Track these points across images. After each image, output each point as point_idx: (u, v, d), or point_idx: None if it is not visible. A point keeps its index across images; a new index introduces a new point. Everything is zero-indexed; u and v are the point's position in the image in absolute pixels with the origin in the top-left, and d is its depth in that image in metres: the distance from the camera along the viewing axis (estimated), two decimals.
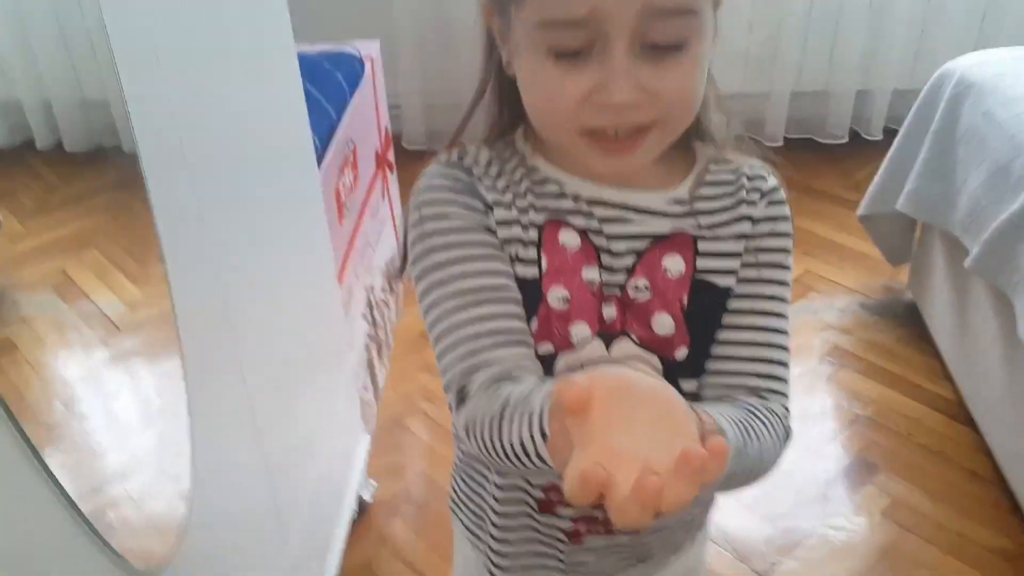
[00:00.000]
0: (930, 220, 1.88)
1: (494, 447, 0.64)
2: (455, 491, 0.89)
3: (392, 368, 2.00)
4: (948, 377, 1.91)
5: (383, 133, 2.04)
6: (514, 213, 0.70)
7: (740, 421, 0.65)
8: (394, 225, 2.13)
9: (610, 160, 0.66)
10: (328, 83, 1.71)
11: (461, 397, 0.67)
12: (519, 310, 0.70)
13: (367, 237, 1.88)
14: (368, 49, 1.92)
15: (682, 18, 0.61)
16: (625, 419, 0.48)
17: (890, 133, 2.67)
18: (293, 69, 1.28)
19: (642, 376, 0.52)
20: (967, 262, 1.66)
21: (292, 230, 1.31)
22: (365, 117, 1.89)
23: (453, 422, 0.71)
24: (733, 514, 1.64)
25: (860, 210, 2.11)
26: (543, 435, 0.58)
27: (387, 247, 2.03)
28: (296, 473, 1.28)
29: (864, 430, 1.83)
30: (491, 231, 0.70)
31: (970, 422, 1.80)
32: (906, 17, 2.59)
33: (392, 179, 2.13)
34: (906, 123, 1.97)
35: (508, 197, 0.71)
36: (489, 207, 0.70)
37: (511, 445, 0.62)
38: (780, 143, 2.81)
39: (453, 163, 0.72)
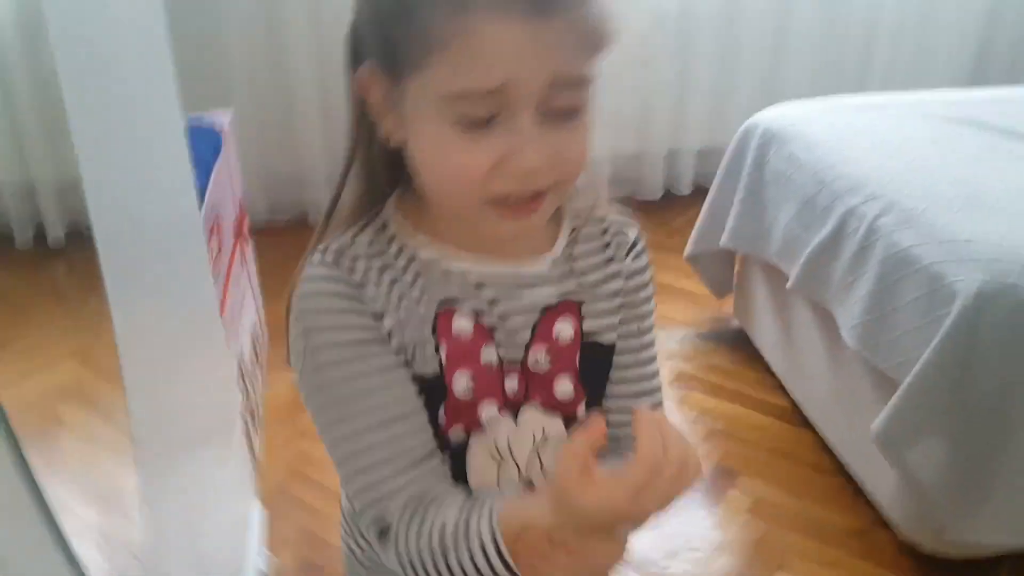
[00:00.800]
0: (751, 252, 2.14)
1: (432, 569, 0.67)
2: (354, 556, 0.89)
3: (266, 438, 1.97)
4: (782, 388, 2.16)
5: (239, 202, 2.06)
6: (402, 315, 0.70)
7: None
8: (253, 295, 2.12)
9: (513, 224, 0.67)
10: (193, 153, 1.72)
11: (382, 529, 0.69)
12: (421, 418, 0.71)
13: (233, 307, 1.87)
14: (223, 119, 1.95)
15: (581, 87, 0.64)
16: None
17: (697, 188, 3.02)
18: (182, 143, 1.29)
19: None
20: (789, 284, 1.92)
21: (183, 297, 1.30)
22: (224, 187, 1.90)
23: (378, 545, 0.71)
24: None
25: (687, 252, 2.36)
26: (502, 560, 0.62)
27: (249, 317, 2.03)
28: (189, 550, 1.23)
29: (719, 442, 2.02)
30: (382, 340, 0.70)
31: (807, 424, 2.04)
32: (705, 87, 2.95)
33: (249, 248, 2.13)
34: (719, 172, 2.24)
35: (395, 297, 0.70)
36: (378, 316, 0.69)
37: (456, 559, 0.65)
38: None
39: (331, 267, 0.70)
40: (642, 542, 1.74)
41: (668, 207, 3.08)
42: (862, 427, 1.70)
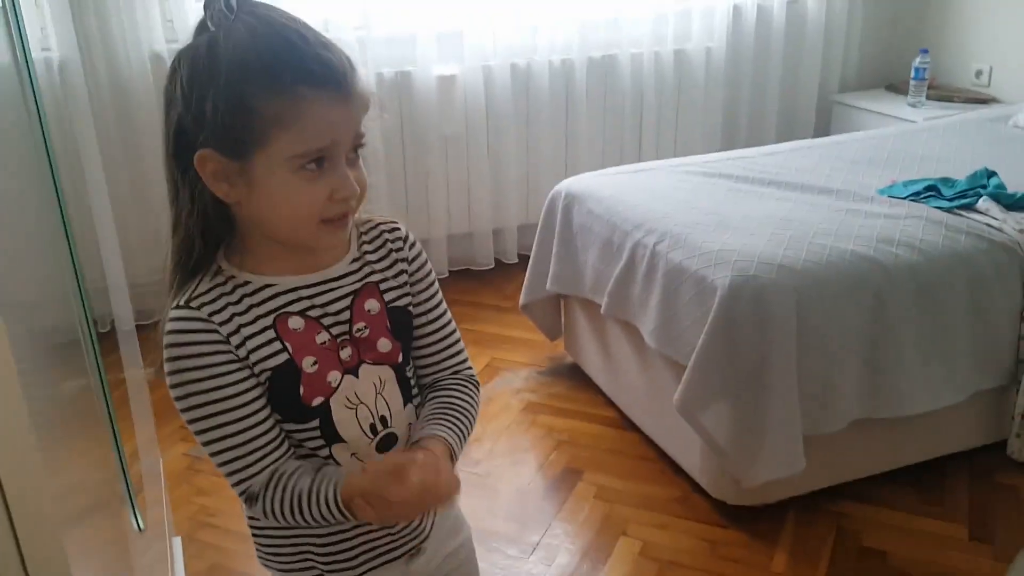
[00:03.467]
0: (570, 292, 2.60)
1: (297, 522, 0.96)
2: (261, 550, 1.09)
3: (170, 498, 2.18)
4: (610, 402, 2.60)
5: None
6: (244, 332, 0.93)
7: (454, 413, 1.04)
8: None
9: (337, 236, 0.94)
10: None
11: (249, 497, 0.96)
12: (268, 419, 0.95)
13: None
14: None
15: (362, 137, 0.93)
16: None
17: (521, 257, 3.49)
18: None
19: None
20: (602, 311, 2.38)
21: None
22: None
23: (246, 510, 1.01)
24: (494, 515, 2.10)
25: (521, 302, 2.79)
26: (339, 509, 0.93)
27: None
28: None
29: (566, 450, 2.42)
30: (232, 361, 0.93)
31: (633, 427, 2.47)
32: (516, 173, 3.46)
33: None
34: (537, 232, 2.71)
35: (235, 322, 0.93)
36: (226, 340, 0.92)
37: (314, 519, 0.95)
38: (446, 275, 3.48)
39: (186, 310, 0.92)
40: (514, 524, 2.09)
41: (500, 275, 3.54)
42: (670, 416, 2.14)
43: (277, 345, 0.95)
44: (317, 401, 0.97)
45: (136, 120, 2.94)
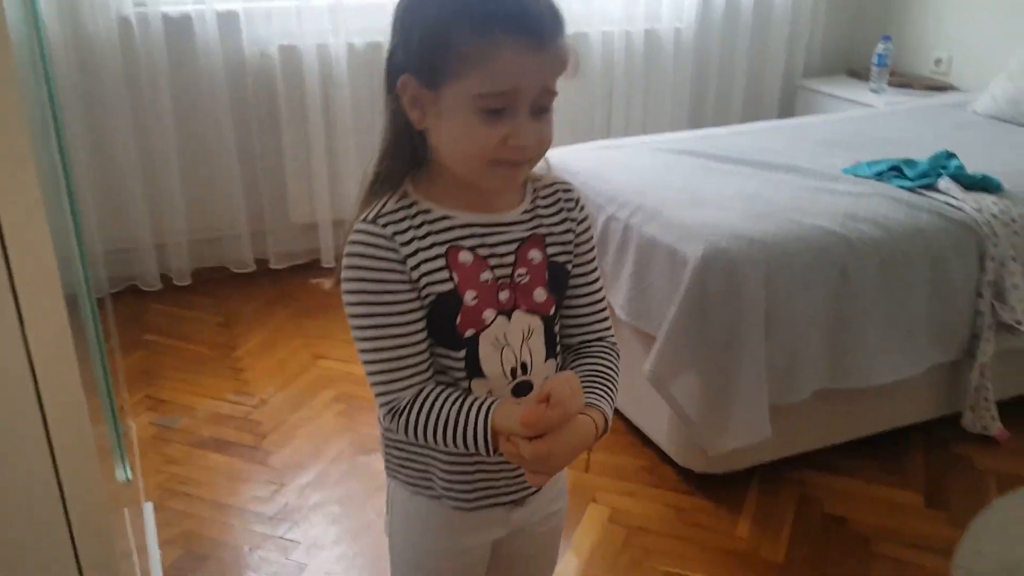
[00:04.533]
0: None
1: (436, 443, 1.01)
2: (391, 459, 1.15)
3: (142, 465, 2.17)
4: None
5: None
6: (421, 256, 0.99)
7: (607, 382, 1.07)
8: None
9: (507, 180, 0.98)
10: None
11: (393, 411, 1.01)
12: (423, 342, 1.00)
13: None
14: None
15: (553, 95, 0.95)
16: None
17: None
18: None
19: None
20: None
21: None
22: None
23: (385, 422, 1.04)
24: None
25: None
26: (486, 440, 0.97)
27: None
28: None
29: None
30: (404, 281, 0.98)
31: None
32: None
33: None
34: None
35: (414, 245, 0.98)
36: (403, 261, 0.98)
37: (455, 443, 0.99)
38: None
39: (371, 225, 0.98)
40: None
41: None
42: (639, 388, 2.19)
43: (446, 274, 1.00)
44: (469, 333, 1.02)
45: (103, 86, 2.89)
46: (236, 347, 2.80)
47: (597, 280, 1.13)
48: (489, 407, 0.99)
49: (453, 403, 1.00)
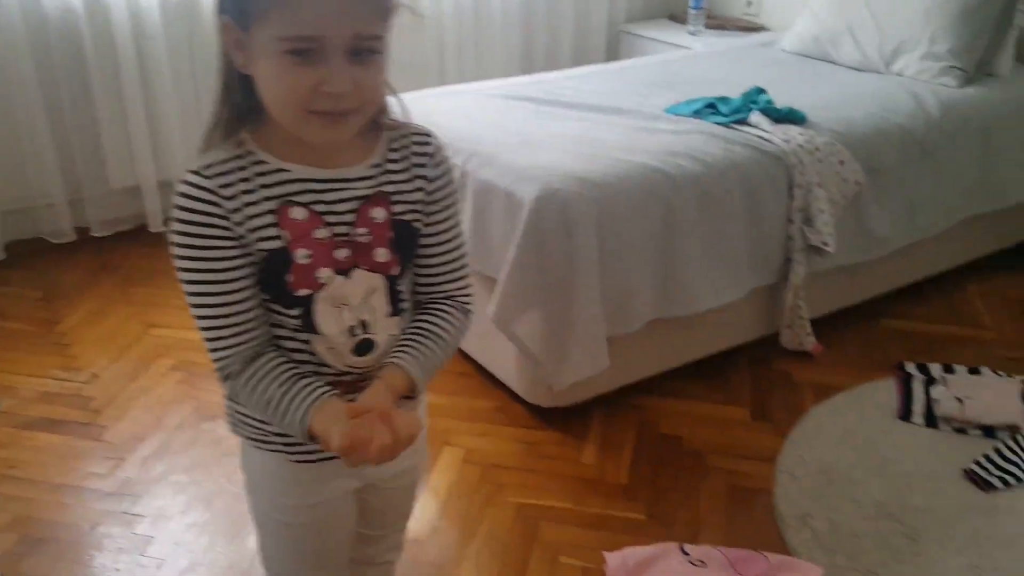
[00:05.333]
0: None
1: (264, 419, 1.04)
2: (234, 416, 1.12)
3: None
4: None
5: None
6: (249, 211, 0.95)
7: (425, 347, 1.05)
8: None
9: (328, 132, 0.92)
10: None
11: (227, 376, 1.00)
12: (254, 302, 0.98)
13: None
14: None
15: (376, 40, 0.91)
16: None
17: None
18: None
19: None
20: None
21: None
22: None
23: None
24: None
25: None
26: (304, 433, 0.97)
27: None
28: None
29: None
30: (228, 236, 0.94)
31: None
32: None
33: None
34: None
35: (242, 199, 0.94)
36: (227, 215, 0.94)
37: (279, 424, 1.01)
38: None
39: (201, 179, 0.94)
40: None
41: None
42: (486, 332, 2.23)
43: (275, 230, 0.97)
44: (303, 292, 0.99)
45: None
46: (59, 321, 2.64)
47: (452, 239, 1.09)
48: (310, 406, 0.98)
49: (280, 385, 0.99)
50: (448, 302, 1.11)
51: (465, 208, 2.20)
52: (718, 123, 2.38)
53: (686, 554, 1.77)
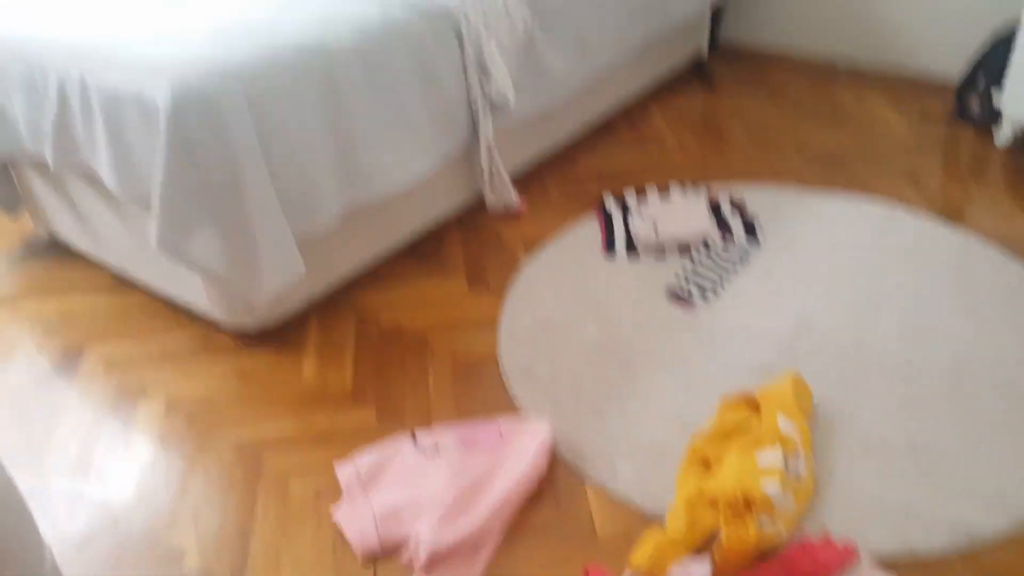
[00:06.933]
0: (9, 153, 2.19)
1: None
2: None
3: None
4: (103, 267, 2.32)
5: None
6: None
7: None
8: None
9: None
10: None
11: None
12: None
13: None
14: None
15: None
16: None
17: None
18: None
19: None
20: (51, 168, 2.04)
21: None
22: None
23: None
24: None
25: None
26: None
27: None
28: None
29: (60, 333, 2.13)
30: None
31: (135, 286, 2.25)
32: None
33: None
34: None
35: None
36: None
37: None
38: None
39: None
40: (9, 433, 1.80)
41: None
42: (164, 262, 1.96)
43: None
44: None
45: None
46: None
47: None
48: None
49: None
50: None
51: (96, 124, 1.87)
52: None
53: (417, 442, 1.70)
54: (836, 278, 2.13)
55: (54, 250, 2.43)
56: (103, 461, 1.75)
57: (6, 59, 2.02)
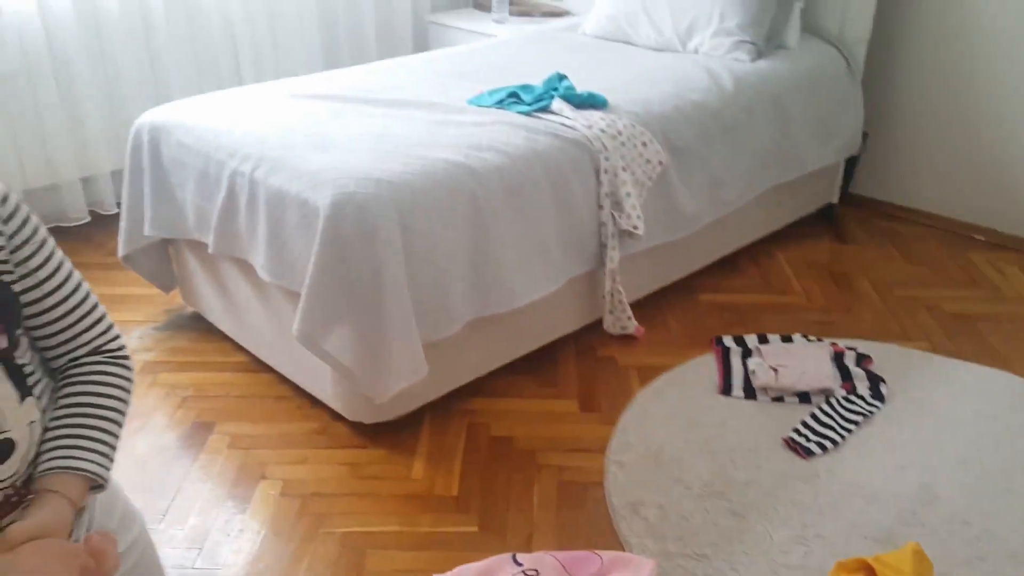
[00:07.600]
0: (173, 234, 2.39)
1: None
2: None
3: None
4: (240, 347, 2.46)
5: None
6: None
7: (94, 430, 0.90)
8: None
9: None
10: None
11: None
12: None
13: None
14: None
15: None
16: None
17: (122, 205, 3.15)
18: None
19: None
20: (210, 249, 2.22)
21: None
22: None
23: None
24: None
25: (120, 253, 2.51)
26: None
27: None
28: None
29: (193, 405, 2.25)
30: None
31: (266, 368, 2.37)
32: (94, 112, 3.07)
33: None
34: (125, 174, 2.44)
35: None
36: None
37: None
38: None
39: None
40: (139, 494, 1.89)
41: (98, 228, 3.17)
42: (299, 350, 2.08)
43: None
44: None
45: None
46: None
47: (62, 286, 0.92)
48: None
49: None
50: (94, 357, 0.97)
51: (259, 220, 2.03)
52: (521, 112, 2.32)
53: (519, 564, 1.70)
54: (964, 451, 2.05)
55: (197, 324, 2.60)
56: (216, 539, 1.82)
57: (187, 151, 2.23)
